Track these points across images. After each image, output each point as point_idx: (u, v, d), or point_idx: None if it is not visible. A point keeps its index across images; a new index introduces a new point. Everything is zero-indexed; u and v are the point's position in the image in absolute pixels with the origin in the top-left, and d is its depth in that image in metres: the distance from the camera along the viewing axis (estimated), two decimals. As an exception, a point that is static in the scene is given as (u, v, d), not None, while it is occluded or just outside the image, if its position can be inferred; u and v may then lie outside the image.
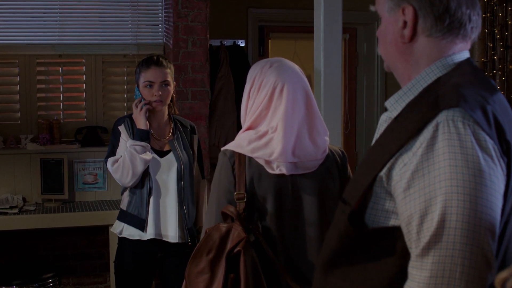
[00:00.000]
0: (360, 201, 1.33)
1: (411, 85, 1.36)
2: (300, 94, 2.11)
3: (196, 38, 4.46)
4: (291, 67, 2.17)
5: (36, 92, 4.60)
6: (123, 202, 3.09)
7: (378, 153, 1.32)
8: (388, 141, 1.30)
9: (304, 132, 2.10)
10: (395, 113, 1.36)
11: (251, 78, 2.19)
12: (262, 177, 2.09)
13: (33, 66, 4.59)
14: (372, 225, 1.33)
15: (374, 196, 1.32)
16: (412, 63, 1.37)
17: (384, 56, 1.44)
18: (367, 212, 1.33)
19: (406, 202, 1.24)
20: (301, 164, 2.10)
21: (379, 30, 1.44)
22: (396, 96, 1.38)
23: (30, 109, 4.58)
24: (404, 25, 1.36)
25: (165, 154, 3.06)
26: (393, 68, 1.43)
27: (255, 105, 2.14)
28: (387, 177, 1.28)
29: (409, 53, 1.37)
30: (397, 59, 1.39)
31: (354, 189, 1.36)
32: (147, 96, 3.02)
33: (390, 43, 1.40)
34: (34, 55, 4.57)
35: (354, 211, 1.33)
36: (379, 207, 1.32)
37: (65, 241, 4.63)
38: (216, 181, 2.16)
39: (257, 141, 2.08)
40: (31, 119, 4.59)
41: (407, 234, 1.25)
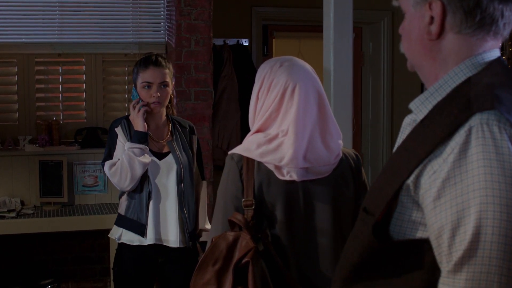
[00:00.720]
0: (385, 211, 1.26)
1: (438, 86, 1.27)
2: (313, 95, 2.03)
3: (199, 37, 4.43)
4: (303, 66, 2.09)
5: (34, 92, 4.57)
6: (121, 206, 3.03)
7: (404, 159, 1.24)
8: (415, 146, 1.22)
9: (316, 136, 2.02)
10: (421, 116, 1.27)
11: (260, 78, 2.10)
12: (271, 183, 2.01)
13: (32, 66, 4.56)
14: (397, 237, 1.25)
15: (400, 206, 1.24)
16: (439, 62, 1.29)
17: (408, 54, 1.36)
18: (392, 223, 1.26)
19: (436, 212, 1.15)
20: (313, 169, 2.02)
21: (403, 27, 1.36)
22: (421, 97, 1.29)
23: (29, 109, 4.56)
24: (431, 20, 1.27)
25: (164, 156, 3.01)
26: (417, 67, 1.35)
27: (265, 106, 2.06)
28: (415, 185, 1.20)
29: (436, 51, 1.29)
30: (422, 58, 1.31)
31: (377, 198, 1.28)
32: (145, 97, 2.97)
33: (415, 41, 1.31)
34: (32, 54, 4.54)
35: (378, 222, 1.25)
36: (405, 217, 1.24)
37: (64, 245, 4.60)
38: (222, 187, 2.08)
39: (266, 145, 2.00)
40: (29, 119, 4.56)
41: (437, 247, 1.17)
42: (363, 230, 1.27)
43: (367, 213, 1.28)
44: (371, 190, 1.36)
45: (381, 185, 1.30)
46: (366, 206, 1.30)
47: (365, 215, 1.29)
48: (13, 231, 3.97)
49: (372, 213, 1.27)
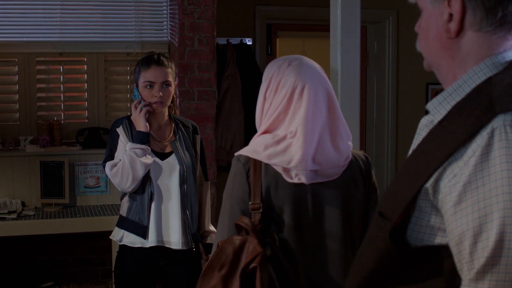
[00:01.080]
0: (402, 215, 1.21)
1: (457, 85, 1.23)
2: (322, 95, 1.99)
3: (203, 36, 4.40)
4: (312, 65, 2.05)
5: (36, 92, 4.54)
6: (122, 208, 3.01)
7: (422, 162, 1.19)
8: (433, 148, 1.18)
9: (326, 137, 1.98)
10: (439, 117, 1.23)
11: (268, 78, 2.05)
12: (279, 185, 1.97)
13: (33, 65, 4.53)
14: (414, 242, 1.21)
15: (418, 210, 1.20)
16: (458, 61, 1.24)
17: (425, 53, 1.32)
18: (409, 228, 1.21)
19: (457, 218, 1.11)
20: (322, 172, 1.98)
21: (419, 24, 1.32)
22: (439, 98, 1.24)
23: (30, 109, 4.53)
24: (449, 18, 1.23)
25: (166, 157, 2.99)
26: (435, 66, 1.31)
27: (272, 107, 2.01)
28: (434, 189, 1.16)
29: (455, 50, 1.24)
30: (440, 56, 1.27)
31: (394, 202, 1.23)
32: (147, 97, 2.94)
33: (433, 39, 1.27)
34: (34, 53, 4.51)
35: (395, 227, 1.21)
36: (423, 222, 1.20)
37: (66, 246, 4.58)
38: (229, 190, 2.03)
39: (274, 147, 1.96)
40: (30, 119, 4.53)
41: (457, 254, 1.13)
42: (379, 235, 1.23)
43: (383, 217, 1.24)
44: (386, 194, 1.31)
45: (397, 189, 1.26)
46: (382, 210, 1.26)
47: (381, 219, 1.24)
48: (14, 233, 3.94)
49: (388, 217, 1.23)
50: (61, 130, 4.49)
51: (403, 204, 1.20)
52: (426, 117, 1.31)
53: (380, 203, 1.31)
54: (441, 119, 1.22)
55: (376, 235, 1.24)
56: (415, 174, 1.20)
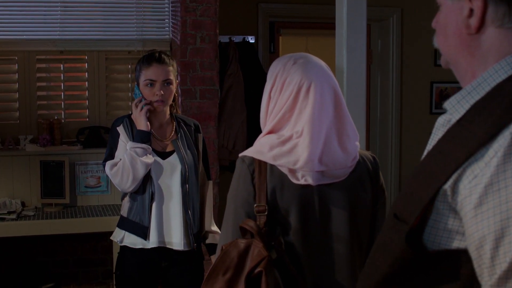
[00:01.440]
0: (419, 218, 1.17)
1: (476, 84, 1.18)
2: (329, 94, 1.94)
3: (205, 33, 4.37)
4: (318, 63, 2.00)
5: (36, 90, 4.53)
6: (123, 208, 2.98)
7: (440, 162, 1.15)
8: (452, 148, 1.14)
9: (332, 137, 1.94)
10: (457, 116, 1.19)
11: (273, 76, 2.00)
12: (285, 187, 1.93)
13: (33, 63, 4.50)
14: (431, 246, 1.17)
15: (435, 213, 1.16)
16: (478, 58, 1.20)
17: (443, 50, 1.27)
18: (426, 231, 1.17)
19: (477, 221, 1.07)
20: (329, 173, 1.94)
21: (437, 20, 1.27)
22: (458, 96, 1.20)
23: (30, 108, 4.51)
24: (470, 13, 1.19)
25: (168, 156, 2.96)
26: (453, 63, 1.26)
27: (278, 106, 1.97)
28: (452, 190, 1.12)
29: (475, 46, 1.20)
30: (459, 53, 1.23)
31: (410, 204, 1.19)
32: (148, 96, 2.91)
33: (452, 35, 1.23)
34: (34, 51, 4.49)
35: (411, 230, 1.17)
36: (441, 225, 1.15)
37: (66, 247, 4.56)
38: (233, 192, 1.99)
39: (280, 147, 1.92)
40: (30, 118, 4.51)
41: (477, 259, 1.09)
42: (395, 238, 1.19)
43: (398, 219, 1.20)
44: (402, 195, 1.26)
45: (413, 190, 1.21)
46: (397, 212, 1.21)
47: (397, 222, 1.20)
48: (14, 233, 3.92)
49: (404, 220, 1.18)
50: (61, 129, 4.48)
51: (420, 206, 1.16)
52: (443, 116, 1.27)
53: (394, 205, 1.26)
54: (459, 118, 1.18)
55: (391, 238, 1.20)
56: (433, 175, 1.16)
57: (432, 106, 5.98)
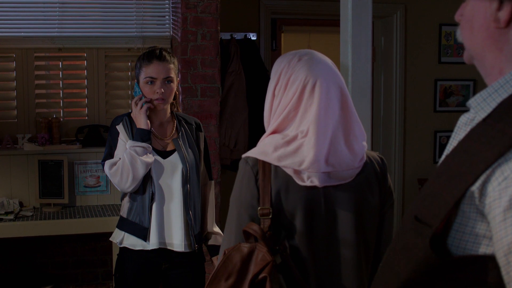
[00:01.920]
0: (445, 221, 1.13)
1: (504, 81, 1.15)
2: (334, 92, 1.89)
3: (206, 30, 4.32)
4: (323, 60, 1.95)
5: (34, 89, 4.49)
6: (123, 209, 2.95)
7: (466, 162, 1.11)
8: (479, 148, 1.10)
9: (339, 137, 1.88)
10: (483, 114, 1.15)
11: (277, 74, 1.95)
12: (290, 189, 1.87)
13: (31, 61, 4.46)
14: (456, 251, 1.12)
15: (461, 216, 1.12)
16: (506, 53, 1.16)
17: (467, 44, 1.23)
18: (451, 235, 1.13)
19: (507, 225, 1.03)
20: (336, 174, 1.88)
21: (461, 13, 1.23)
22: (484, 94, 1.16)
23: (28, 106, 4.47)
24: (499, 6, 1.15)
25: (169, 155, 2.92)
26: (478, 58, 1.21)
27: (282, 105, 1.92)
28: (480, 192, 1.08)
29: (504, 41, 1.16)
30: (486, 48, 1.18)
31: (433, 206, 1.14)
32: (148, 94, 2.88)
33: (478, 29, 1.18)
34: (32, 48, 4.44)
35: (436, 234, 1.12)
36: (467, 229, 1.11)
37: (65, 247, 4.53)
38: (236, 194, 1.93)
39: (284, 148, 1.86)
40: (28, 117, 4.48)
41: (505, 266, 1.04)
42: (418, 243, 1.13)
43: (420, 222, 1.15)
44: (423, 196, 1.21)
45: (436, 192, 1.16)
46: (419, 214, 1.16)
47: (419, 225, 1.15)
48: (11, 234, 3.88)
49: (427, 223, 1.13)
50: (60, 127, 4.44)
51: (446, 209, 1.11)
52: (466, 114, 1.22)
53: (415, 207, 1.21)
54: (485, 117, 1.14)
55: (413, 242, 1.15)
56: (458, 176, 1.11)
57: (436, 104, 5.93)
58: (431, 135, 5.92)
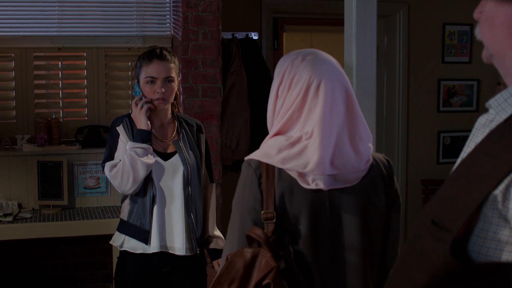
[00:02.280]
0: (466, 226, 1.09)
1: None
2: (339, 92, 1.85)
3: (208, 29, 4.29)
4: (328, 60, 1.91)
5: (33, 89, 4.46)
6: (123, 211, 2.92)
7: (487, 165, 1.07)
8: (501, 150, 1.06)
9: (344, 138, 1.84)
10: (505, 115, 1.12)
11: (280, 74, 1.92)
12: (294, 192, 1.83)
13: (30, 60, 4.43)
14: (477, 257, 1.08)
15: (482, 221, 1.07)
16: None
17: (487, 42, 1.19)
18: (472, 240, 1.09)
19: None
20: (341, 177, 1.85)
21: (482, 10, 1.19)
22: (505, 94, 1.13)
23: (27, 107, 4.44)
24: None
25: (170, 157, 2.90)
26: (498, 57, 1.17)
27: (286, 106, 1.88)
28: (504, 196, 1.04)
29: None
30: (507, 46, 1.14)
31: (453, 210, 1.09)
32: (149, 94, 2.85)
33: (500, 26, 1.14)
34: (31, 48, 4.42)
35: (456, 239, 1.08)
36: (489, 235, 1.07)
37: (65, 249, 4.51)
38: (239, 198, 1.89)
39: (288, 149, 1.83)
40: (27, 117, 4.45)
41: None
42: (437, 248, 1.09)
43: (438, 226, 1.10)
44: (440, 200, 1.16)
45: (455, 195, 1.11)
46: (436, 218, 1.11)
47: (437, 229, 1.10)
48: (10, 236, 3.85)
49: (446, 227, 1.09)
50: (59, 128, 4.41)
51: (467, 213, 1.07)
52: (485, 115, 1.19)
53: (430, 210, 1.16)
54: (507, 118, 1.10)
55: (431, 247, 1.10)
56: (479, 178, 1.07)
57: (440, 104, 5.88)
58: (434, 135, 5.87)
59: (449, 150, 5.87)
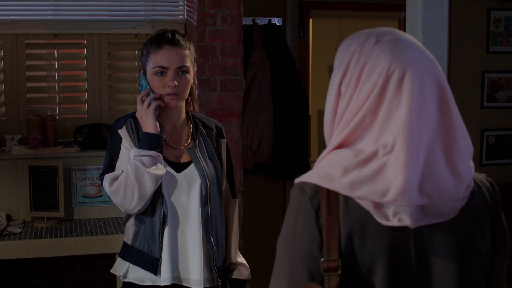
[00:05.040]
0: None
1: None
2: (431, 87, 1.49)
3: (227, 13, 4.11)
4: (412, 42, 1.55)
5: (25, 81, 4.20)
6: (127, 233, 2.67)
7: None
8: None
9: (437, 153, 1.47)
10: None
11: (344, 62, 1.56)
12: (367, 231, 1.47)
13: (21, 49, 4.19)
14: None
15: None
16: None
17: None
18: None
19: None
20: (433, 208, 1.46)
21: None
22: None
23: (18, 102, 4.20)
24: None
25: (184, 168, 2.64)
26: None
27: (353, 106, 1.52)
28: None
29: None
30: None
31: None
32: (158, 88, 2.60)
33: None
34: (22, 34, 4.18)
35: None
36: None
37: (63, 267, 4.29)
38: (287, 237, 1.53)
39: (359, 169, 1.46)
40: (18, 115, 4.21)
41: None
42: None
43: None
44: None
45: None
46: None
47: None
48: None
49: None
50: (55, 127, 4.19)
51: None
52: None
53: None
54: None
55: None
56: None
57: (484, 99, 5.52)
58: (477, 134, 5.54)
59: (493, 151, 5.53)
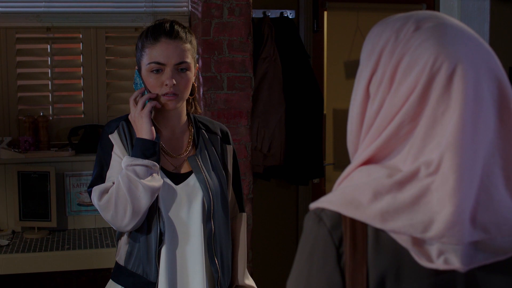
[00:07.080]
0: None
1: None
2: (488, 88, 1.21)
3: (235, 3, 3.98)
4: (463, 29, 1.26)
5: (15, 79, 4.04)
6: (119, 253, 2.48)
7: None
8: None
9: (496, 173, 1.21)
10: None
11: (374, 55, 1.27)
12: (403, 275, 1.23)
13: (11, 43, 4.03)
14: None
15: None
16: None
17: None
18: None
19: None
20: (489, 244, 1.22)
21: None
22: None
23: (7, 102, 4.05)
24: None
25: (184, 179, 2.47)
26: None
27: (387, 112, 1.24)
28: None
29: None
30: None
31: None
32: (154, 87, 2.43)
33: None
34: (12, 27, 4.03)
35: None
36: None
37: (57, 279, 4.12)
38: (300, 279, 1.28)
39: (394, 194, 1.19)
40: (8, 115, 4.06)
41: None
42: None
43: None
44: None
45: None
46: None
47: None
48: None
49: None
50: (48, 128, 4.04)
51: None
52: None
53: None
54: None
55: None
56: None
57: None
58: None
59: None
